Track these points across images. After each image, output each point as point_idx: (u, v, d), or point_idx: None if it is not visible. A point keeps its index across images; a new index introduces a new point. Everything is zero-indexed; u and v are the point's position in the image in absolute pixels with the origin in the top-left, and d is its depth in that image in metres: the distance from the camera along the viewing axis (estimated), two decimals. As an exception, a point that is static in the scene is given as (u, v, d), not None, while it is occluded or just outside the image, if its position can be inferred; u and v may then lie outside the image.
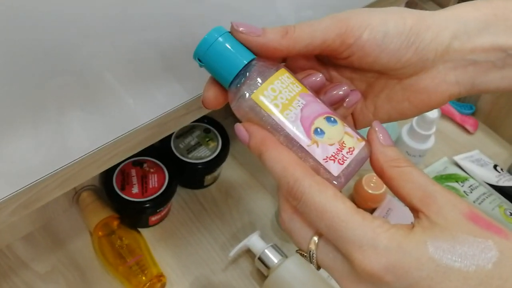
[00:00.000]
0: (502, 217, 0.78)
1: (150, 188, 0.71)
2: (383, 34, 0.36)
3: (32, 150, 0.45)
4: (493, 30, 0.37)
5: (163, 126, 0.55)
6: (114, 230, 0.70)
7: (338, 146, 0.35)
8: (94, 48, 0.42)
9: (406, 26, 0.37)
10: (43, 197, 0.50)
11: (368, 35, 0.36)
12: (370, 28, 0.36)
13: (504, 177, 0.84)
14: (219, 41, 0.37)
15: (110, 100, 0.48)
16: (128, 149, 0.54)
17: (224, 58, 0.37)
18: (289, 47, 0.37)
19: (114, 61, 0.45)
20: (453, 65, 0.38)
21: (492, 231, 0.30)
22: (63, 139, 0.47)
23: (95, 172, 0.53)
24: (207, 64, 0.38)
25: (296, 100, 0.35)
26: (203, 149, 0.77)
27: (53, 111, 0.44)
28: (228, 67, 0.37)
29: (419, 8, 0.94)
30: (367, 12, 0.37)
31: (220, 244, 0.75)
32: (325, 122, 0.35)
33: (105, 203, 0.73)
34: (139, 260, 0.68)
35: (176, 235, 0.76)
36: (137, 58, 0.46)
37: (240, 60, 0.37)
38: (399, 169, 0.34)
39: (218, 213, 0.79)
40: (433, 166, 0.87)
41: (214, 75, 0.38)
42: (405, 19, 0.37)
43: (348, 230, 0.31)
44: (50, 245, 0.72)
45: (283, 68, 0.37)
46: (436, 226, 0.31)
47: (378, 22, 0.37)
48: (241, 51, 0.37)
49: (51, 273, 0.70)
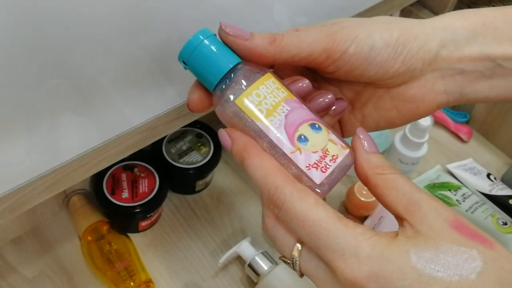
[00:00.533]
0: (494, 226, 0.77)
1: (141, 193, 0.71)
2: (369, 47, 0.36)
3: (20, 152, 0.45)
4: (482, 40, 0.37)
5: (153, 130, 0.55)
6: (104, 235, 0.69)
7: (322, 153, 0.34)
8: (86, 51, 0.42)
9: (392, 37, 0.36)
10: (30, 200, 0.50)
11: (354, 49, 0.36)
12: (356, 42, 0.36)
13: (497, 186, 0.84)
14: (204, 44, 0.36)
15: (100, 102, 0.48)
16: (118, 153, 0.54)
17: (209, 61, 0.36)
18: (275, 55, 0.36)
19: (106, 64, 0.45)
20: (441, 74, 0.38)
21: (477, 240, 0.30)
22: (52, 141, 0.47)
23: (84, 176, 0.53)
24: (192, 66, 0.37)
25: (281, 106, 0.35)
26: (194, 154, 0.76)
27: (43, 112, 0.44)
28: (213, 70, 0.36)
29: (414, 15, 0.94)
30: (353, 24, 0.37)
31: (210, 250, 0.75)
32: (309, 129, 0.35)
33: (95, 208, 0.72)
34: (128, 266, 0.67)
35: (166, 241, 0.75)
36: (129, 61, 0.46)
37: (225, 63, 0.36)
38: (383, 176, 0.33)
39: (209, 219, 0.78)
40: (426, 174, 0.87)
41: (199, 78, 0.38)
42: (392, 30, 0.37)
43: (330, 238, 0.31)
44: (39, 249, 0.72)
45: (269, 73, 0.37)
46: (420, 235, 0.30)
47: (365, 35, 0.36)
48: (227, 54, 0.37)
49: (39, 277, 0.69)
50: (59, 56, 0.40)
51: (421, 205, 0.31)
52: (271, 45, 0.36)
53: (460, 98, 0.39)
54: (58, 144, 0.47)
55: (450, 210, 0.32)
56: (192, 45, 0.37)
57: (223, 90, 0.36)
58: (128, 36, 0.44)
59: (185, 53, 0.37)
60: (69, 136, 0.48)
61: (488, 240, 0.30)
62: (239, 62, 0.37)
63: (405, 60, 0.37)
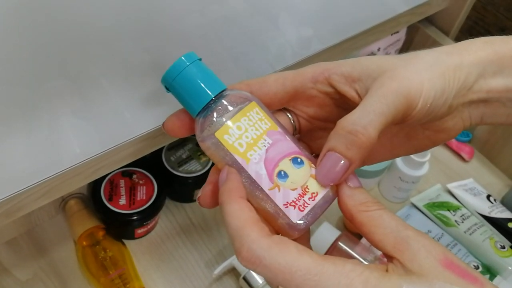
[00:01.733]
0: (492, 249, 0.77)
1: (138, 200, 0.70)
2: (432, 99, 0.35)
3: (19, 158, 0.45)
4: (508, 72, 0.38)
5: (153, 139, 0.55)
6: (99, 240, 0.69)
7: (301, 191, 0.34)
8: (91, 54, 0.42)
9: (446, 83, 0.36)
10: (27, 206, 0.49)
11: (421, 104, 0.35)
12: (423, 96, 0.35)
13: (497, 208, 0.84)
14: (188, 69, 0.35)
15: (102, 109, 0.47)
16: (116, 161, 0.53)
17: (192, 87, 0.35)
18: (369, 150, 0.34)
19: (109, 69, 0.45)
20: (469, 103, 0.39)
21: (468, 280, 0.30)
22: (52, 148, 0.47)
23: (82, 183, 0.52)
24: (175, 91, 0.37)
25: (262, 139, 0.35)
26: (194, 163, 0.76)
27: (44, 118, 0.44)
28: (196, 98, 0.36)
29: (421, 32, 0.94)
30: (417, 71, 0.36)
31: (205, 261, 0.74)
32: (290, 164, 0.34)
33: (92, 213, 0.72)
34: (122, 273, 0.67)
35: (162, 249, 0.75)
36: (132, 67, 0.46)
37: (208, 91, 0.35)
38: (368, 214, 0.33)
39: (205, 229, 0.78)
40: (425, 193, 0.86)
41: (182, 103, 0.37)
42: (444, 73, 0.36)
43: (322, 283, 0.30)
44: (33, 252, 0.71)
45: (253, 102, 0.36)
46: (411, 274, 0.30)
47: (429, 86, 0.35)
48: (211, 81, 0.36)
49: (32, 280, 0.69)
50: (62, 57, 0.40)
51: (410, 243, 0.31)
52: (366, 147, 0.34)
53: (479, 122, 0.40)
54: (57, 151, 0.47)
55: (439, 247, 0.31)
56: (175, 70, 0.36)
57: (205, 117, 0.36)
58: (132, 41, 0.44)
59: (168, 78, 0.36)
60: (69, 143, 0.48)
61: (479, 279, 0.30)
62: (223, 90, 0.36)
63: (450, 103, 0.37)
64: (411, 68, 0.36)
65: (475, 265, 0.75)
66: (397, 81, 0.35)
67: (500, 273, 0.75)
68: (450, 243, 0.78)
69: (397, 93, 0.34)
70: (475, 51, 0.38)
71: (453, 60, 0.37)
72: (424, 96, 0.35)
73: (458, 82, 0.37)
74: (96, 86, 0.45)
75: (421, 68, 0.36)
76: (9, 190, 0.46)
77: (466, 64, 0.37)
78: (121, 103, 0.49)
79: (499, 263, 0.76)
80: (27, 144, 0.44)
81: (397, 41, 0.91)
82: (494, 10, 0.99)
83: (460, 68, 0.37)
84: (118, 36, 0.42)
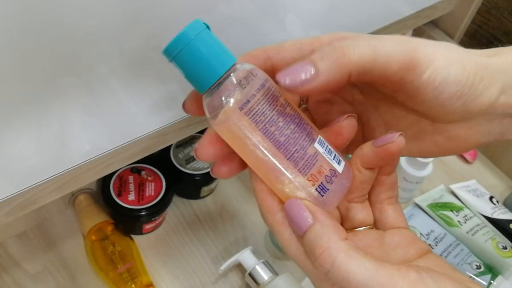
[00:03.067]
0: (494, 250, 0.78)
1: (147, 196, 0.72)
2: (442, 79, 0.33)
3: (33, 153, 0.46)
4: None
5: (163, 137, 0.56)
6: (108, 235, 0.70)
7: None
8: (100, 51, 0.43)
9: (464, 75, 0.33)
10: (40, 199, 0.51)
11: (428, 76, 0.32)
12: (432, 68, 0.32)
13: (499, 209, 0.85)
14: (195, 41, 0.32)
15: (113, 106, 0.48)
16: (127, 157, 0.55)
17: (197, 65, 0.32)
18: (346, 74, 0.32)
19: (120, 68, 0.46)
20: (492, 117, 0.36)
21: None
22: (64, 144, 0.48)
23: (93, 178, 0.53)
24: (179, 66, 0.33)
25: None
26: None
27: (56, 114, 0.45)
28: (201, 76, 0.33)
29: (426, 35, 0.95)
30: (431, 46, 0.33)
31: (211, 257, 0.76)
32: None
33: (101, 208, 0.73)
34: (130, 268, 0.68)
35: (169, 244, 0.76)
36: (142, 66, 0.47)
37: (213, 71, 0.32)
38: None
39: (212, 225, 0.79)
40: (429, 193, 0.88)
41: (187, 79, 0.34)
42: (465, 65, 0.33)
43: None
44: (43, 245, 0.73)
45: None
46: None
47: (442, 63, 0.32)
48: (218, 55, 0.32)
49: (42, 273, 0.70)
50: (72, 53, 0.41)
51: None
52: (343, 65, 0.31)
53: (499, 139, 0.37)
54: (70, 147, 0.48)
55: None
56: (179, 44, 0.32)
57: (212, 96, 0.33)
58: (141, 39, 0.44)
59: (171, 51, 0.32)
60: (82, 139, 0.49)
61: None
62: (234, 63, 0.33)
63: (466, 102, 0.34)
64: (430, 43, 0.34)
65: (477, 264, 0.76)
66: (411, 42, 0.32)
67: (501, 273, 0.76)
68: (452, 243, 0.79)
69: (402, 44, 0.32)
70: (506, 57, 0.35)
71: (479, 59, 0.34)
72: (433, 69, 0.32)
73: (479, 81, 0.33)
74: (107, 84, 0.46)
75: (441, 48, 0.33)
76: (24, 184, 0.48)
77: (494, 68, 0.35)
78: (133, 101, 0.50)
79: (501, 263, 0.77)
80: (41, 140, 0.46)
81: (402, 43, 0.92)
82: (498, 14, 1.01)
83: (485, 68, 0.34)
84: (128, 35, 0.43)
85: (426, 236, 0.80)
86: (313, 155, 0.33)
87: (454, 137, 0.37)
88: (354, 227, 0.37)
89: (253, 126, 0.32)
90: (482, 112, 0.35)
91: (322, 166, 0.33)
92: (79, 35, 0.40)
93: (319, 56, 0.31)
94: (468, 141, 0.37)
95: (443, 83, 0.32)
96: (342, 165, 0.35)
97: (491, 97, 0.34)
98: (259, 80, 0.33)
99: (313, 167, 0.33)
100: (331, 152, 0.35)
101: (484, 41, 1.06)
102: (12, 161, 0.45)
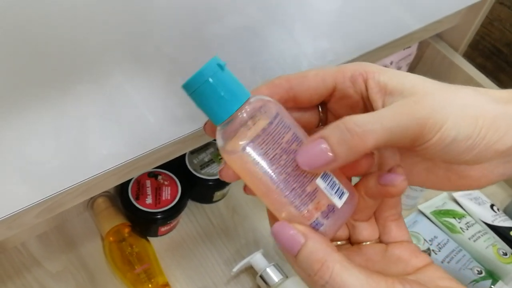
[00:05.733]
0: (495, 256, 0.81)
1: (163, 200, 0.75)
2: (452, 139, 0.33)
3: (63, 160, 0.48)
4: None
5: (182, 144, 0.59)
6: (125, 237, 0.73)
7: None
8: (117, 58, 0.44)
9: (476, 129, 0.33)
10: (66, 203, 0.53)
11: (437, 139, 0.33)
12: (441, 132, 0.33)
13: (500, 217, 0.88)
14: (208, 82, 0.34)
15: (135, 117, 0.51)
16: (148, 164, 0.57)
17: (212, 101, 0.34)
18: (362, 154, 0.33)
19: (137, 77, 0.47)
20: (507, 160, 0.36)
21: None
22: (92, 152, 0.50)
23: (115, 183, 0.56)
24: (196, 101, 0.35)
25: None
26: (215, 166, 0.80)
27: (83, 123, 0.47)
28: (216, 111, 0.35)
29: (431, 47, 0.98)
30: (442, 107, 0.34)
31: (224, 259, 0.79)
32: None
33: (118, 210, 0.76)
34: (147, 269, 0.71)
35: (183, 247, 0.79)
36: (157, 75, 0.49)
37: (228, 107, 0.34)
38: None
39: (224, 229, 0.82)
40: (432, 201, 0.91)
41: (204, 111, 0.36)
42: (478, 119, 0.34)
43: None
44: (63, 245, 0.76)
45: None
46: None
47: (451, 125, 0.33)
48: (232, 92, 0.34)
49: (62, 273, 0.73)
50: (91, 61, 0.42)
51: None
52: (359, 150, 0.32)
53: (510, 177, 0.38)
54: (97, 154, 0.51)
55: None
56: (196, 82, 0.34)
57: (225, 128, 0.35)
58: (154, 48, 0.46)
59: (189, 88, 0.35)
60: (107, 147, 0.51)
61: None
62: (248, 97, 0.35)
63: (480, 152, 0.34)
64: (442, 100, 0.34)
65: (478, 270, 0.79)
66: (419, 107, 0.33)
67: (502, 279, 0.80)
68: (455, 249, 0.82)
69: (413, 118, 0.33)
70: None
71: (496, 108, 0.34)
72: (442, 133, 0.33)
73: (494, 131, 0.34)
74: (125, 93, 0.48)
75: (453, 104, 0.34)
76: (54, 189, 0.50)
77: (509, 115, 0.34)
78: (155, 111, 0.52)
79: (501, 269, 0.80)
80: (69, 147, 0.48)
81: (408, 56, 0.95)
82: (501, 26, 1.04)
83: (503, 117, 0.34)
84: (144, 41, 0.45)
85: (429, 241, 0.83)
86: (312, 192, 0.35)
87: (467, 176, 0.37)
88: (359, 242, 0.39)
89: (256, 163, 0.34)
90: (498, 157, 0.35)
91: (320, 202, 0.35)
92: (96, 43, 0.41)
93: (336, 139, 0.32)
94: (481, 180, 0.37)
95: (453, 142, 0.33)
96: (345, 198, 0.36)
97: (505, 144, 0.34)
98: (268, 116, 0.35)
99: (310, 203, 0.34)
100: (334, 186, 0.35)
101: (486, 52, 1.09)
102: (42, 167, 0.48)
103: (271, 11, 0.54)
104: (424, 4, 0.73)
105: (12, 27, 0.35)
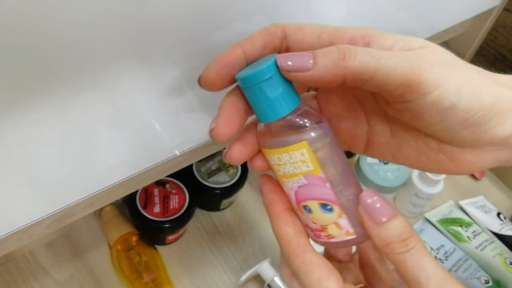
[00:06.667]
0: (502, 265, 0.81)
1: (171, 209, 0.75)
2: (450, 104, 0.31)
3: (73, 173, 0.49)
4: None
5: (192, 154, 0.59)
6: (133, 245, 0.73)
7: (320, 227, 0.35)
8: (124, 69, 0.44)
9: (478, 104, 0.32)
10: (76, 213, 0.53)
11: (434, 98, 0.31)
12: (440, 91, 0.31)
13: (507, 225, 0.88)
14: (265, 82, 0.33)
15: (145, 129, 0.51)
16: (157, 174, 0.57)
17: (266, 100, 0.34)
18: (346, 77, 0.31)
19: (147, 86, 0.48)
20: (502, 147, 0.34)
21: None
22: (104, 164, 0.50)
23: (124, 193, 0.56)
24: (248, 95, 0.35)
25: (297, 177, 0.34)
26: (223, 174, 0.80)
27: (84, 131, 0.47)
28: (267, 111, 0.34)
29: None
30: (444, 66, 0.32)
31: (231, 267, 0.79)
32: (318, 206, 0.34)
33: (126, 219, 0.76)
34: (155, 278, 0.71)
35: (190, 255, 0.79)
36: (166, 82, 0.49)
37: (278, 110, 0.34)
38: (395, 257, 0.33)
39: (231, 237, 0.82)
40: (439, 209, 0.91)
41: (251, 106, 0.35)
42: (482, 94, 0.32)
43: None
44: (70, 254, 0.76)
45: (305, 142, 0.33)
46: None
47: (453, 88, 0.31)
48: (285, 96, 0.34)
49: (69, 281, 0.73)
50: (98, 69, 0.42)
51: None
52: (338, 67, 0.31)
53: (504, 165, 0.36)
54: (108, 166, 0.51)
55: None
56: (254, 79, 0.33)
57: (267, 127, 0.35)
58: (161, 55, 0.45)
59: (244, 83, 0.34)
60: (118, 159, 0.52)
61: None
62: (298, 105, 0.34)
63: (476, 132, 0.32)
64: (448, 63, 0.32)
65: (485, 279, 0.79)
66: (422, 58, 0.31)
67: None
68: (462, 258, 0.82)
69: (408, 64, 0.31)
70: None
71: (501, 91, 0.33)
72: (442, 93, 0.31)
73: (495, 114, 0.32)
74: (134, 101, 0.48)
75: (460, 71, 0.32)
76: (65, 202, 0.50)
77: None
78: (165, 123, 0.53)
79: (508, 278, 0.80)
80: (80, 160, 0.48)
81: (415, 63, 0.95)
82: (505, 32, 1.04)
83: (505, 102, 0.33)
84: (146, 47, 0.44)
85: (436, 250, 0.83)
86: None
87: (459, 160, 0.35)
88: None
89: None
90: (493, 144, 0.34)
91: None
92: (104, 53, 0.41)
93: (322, 52, 0.31)
94: (472, 165, 0.36)
95: (451, 109, 0.31)
96: None
97: (504, 132, 0.33)
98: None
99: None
100: None
101: (490, 58, 1.09)
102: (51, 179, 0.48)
103: (278, 19, 0.53)
104: (432, 14, 0.73)
105: (19, 34, 0.35)
